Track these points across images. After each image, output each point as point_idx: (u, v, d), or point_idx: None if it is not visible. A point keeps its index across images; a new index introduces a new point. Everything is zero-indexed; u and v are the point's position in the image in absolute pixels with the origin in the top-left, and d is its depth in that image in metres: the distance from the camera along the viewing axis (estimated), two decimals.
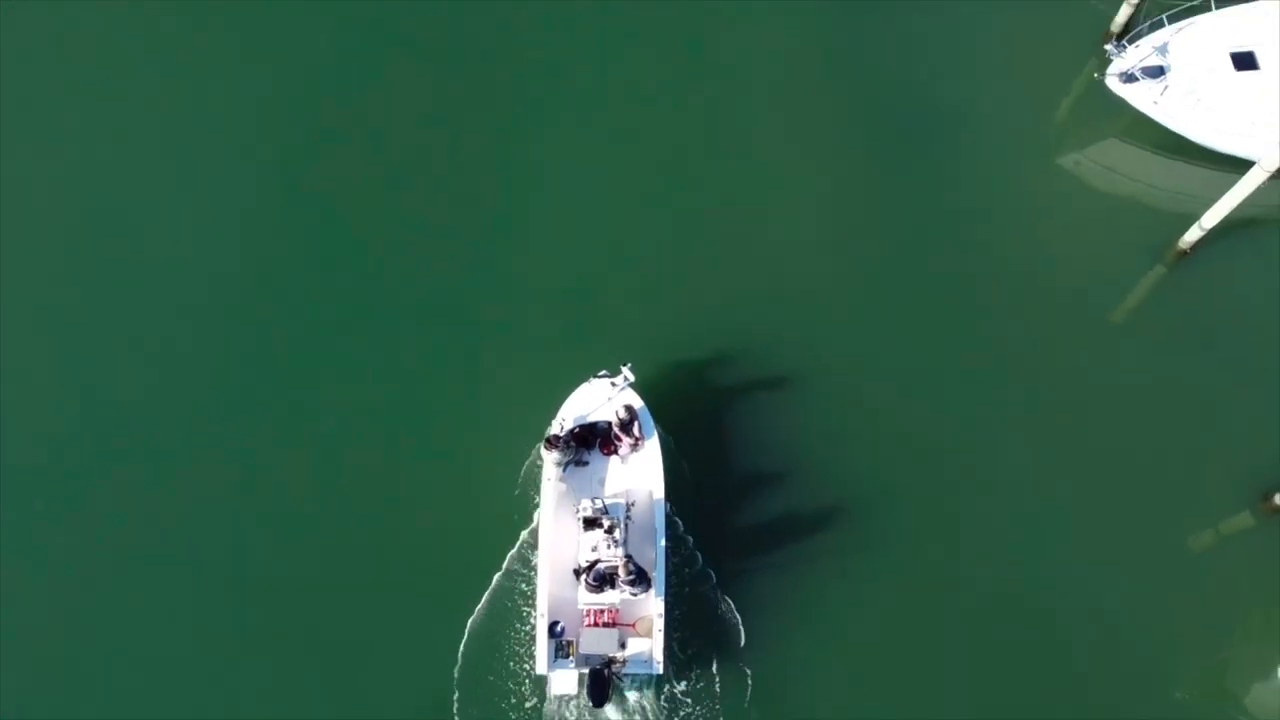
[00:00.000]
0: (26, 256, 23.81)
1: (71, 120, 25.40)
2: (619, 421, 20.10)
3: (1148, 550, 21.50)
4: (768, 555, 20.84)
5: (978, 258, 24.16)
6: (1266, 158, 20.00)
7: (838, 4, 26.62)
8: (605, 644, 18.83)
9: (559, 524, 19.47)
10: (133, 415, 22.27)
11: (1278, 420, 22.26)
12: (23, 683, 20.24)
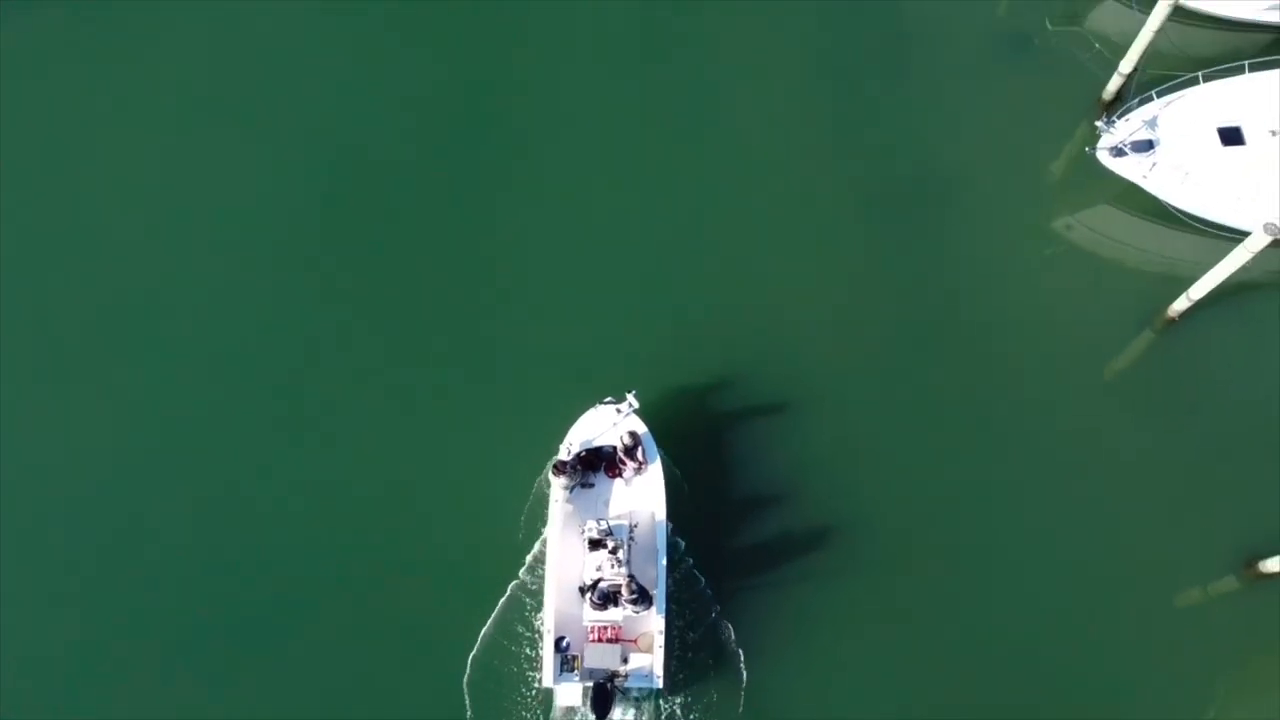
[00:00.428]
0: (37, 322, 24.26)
1: (92, 193, 25.88)
2: (623, 446, 20.93)
3: (1133, 610, 21.98)
4: (764, 575, 21.71)
5: (972, 317, 24.69)
6: (1251, 238, 20.59)
7: (838, 72, 27.16)
8: (608, 659, 19.69)
9: (565, 544, 20.34)
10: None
11: (1262, 488, 22.75)
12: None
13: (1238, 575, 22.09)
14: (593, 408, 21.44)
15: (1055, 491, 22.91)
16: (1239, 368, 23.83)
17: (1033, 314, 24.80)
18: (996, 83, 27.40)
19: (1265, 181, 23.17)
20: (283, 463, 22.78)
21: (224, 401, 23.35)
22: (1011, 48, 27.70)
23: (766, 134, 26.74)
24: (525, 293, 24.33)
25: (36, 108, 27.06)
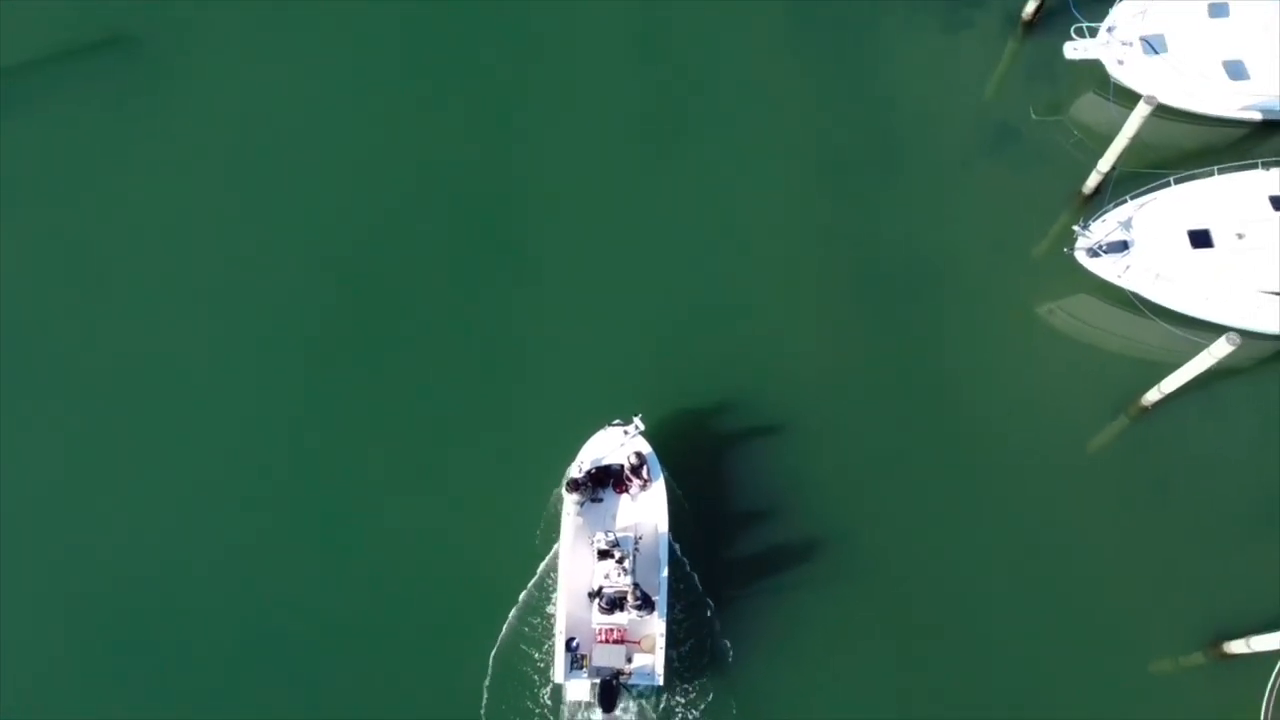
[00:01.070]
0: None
1: (120, 265, 27.72)
2: (630, 465, 23.00)
3: (1102, 683, 23.43)
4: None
5: (958, 397, 26.23)
6: (1215, 346, 22.09)
7: (835, 164, 28.72)
8: (614, 658, 21.80)
9: (576, 554, 22.43)
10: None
11: (1229, 570, 24.23)
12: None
13: (1205, 654, 23.56)
14: (602, 429, 23.48)
15: (1032, 565, 24.50)
16: (1209, 454, 25.30)
17: (1015, 395, 26.32)
18: (984, 173, 28.85)
19: (1233, 282, 24.58)
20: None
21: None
22: (998, 137, 29.12)
23: (768, 217, 28.40)
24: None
25: (66, 190, 28.58)
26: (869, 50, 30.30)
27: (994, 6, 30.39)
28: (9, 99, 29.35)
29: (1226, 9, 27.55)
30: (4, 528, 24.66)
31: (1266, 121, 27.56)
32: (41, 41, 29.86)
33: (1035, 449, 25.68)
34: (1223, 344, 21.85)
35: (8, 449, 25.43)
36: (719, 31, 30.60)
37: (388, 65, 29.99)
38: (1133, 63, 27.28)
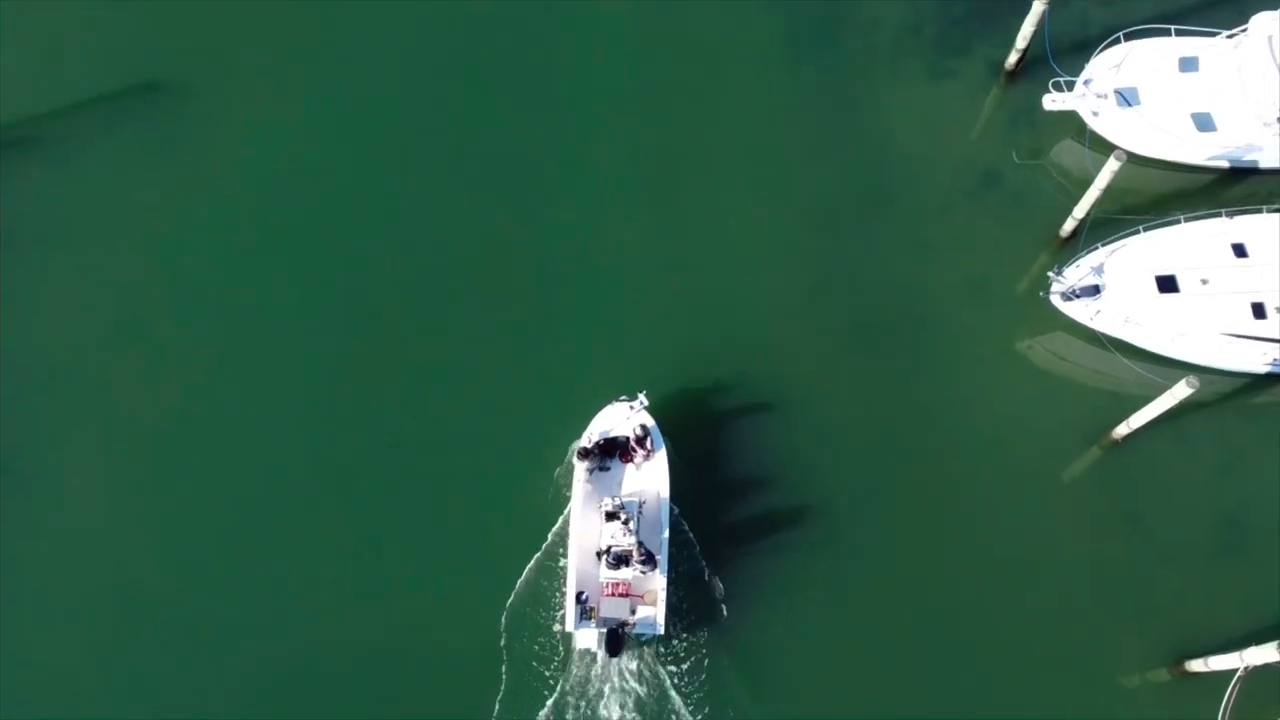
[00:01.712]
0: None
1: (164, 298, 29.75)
2: (635, 436, 25.38)
3: (1071, 700, 25.36)
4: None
5: (941, 426, 28.13)
6: (1176, 389, 23.94)
7: (828, 210, 30.52)
8: (620, 610, 24.28)
9: (586, 516, 24.92)
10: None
11: (1194, 593, 26.09)
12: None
13: (1168, 670, 25.43)
14: (610, 404, 25.86)
15: (1009, 580, 26.56)
16: (1175, 484, 27.23)
17: (995, 424, 28.23)
18: (969, 214, 30.60)
19: (1197, 325, 26.40)
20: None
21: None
22: (982, 181, 30.92)
23: (766, 249, 30.14)
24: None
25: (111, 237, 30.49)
26: (860, 98, 32.02)
27: (978, 57, 32.12)
28: (56, 144, 31.20)
29: (1196, 63, 29.30)
30: (50, 540, 26.73)
31: (1233, 169, 29.32)
32: (83, 91, 31.66)
33: (1013, 475, 27.62)
34: (1183, 386, 23.67)
35: (51, 469, 27.34)
36: (719, 80, 32.27)
37: (406, 113, 31.81)
38: (1107, 114, 29.04)
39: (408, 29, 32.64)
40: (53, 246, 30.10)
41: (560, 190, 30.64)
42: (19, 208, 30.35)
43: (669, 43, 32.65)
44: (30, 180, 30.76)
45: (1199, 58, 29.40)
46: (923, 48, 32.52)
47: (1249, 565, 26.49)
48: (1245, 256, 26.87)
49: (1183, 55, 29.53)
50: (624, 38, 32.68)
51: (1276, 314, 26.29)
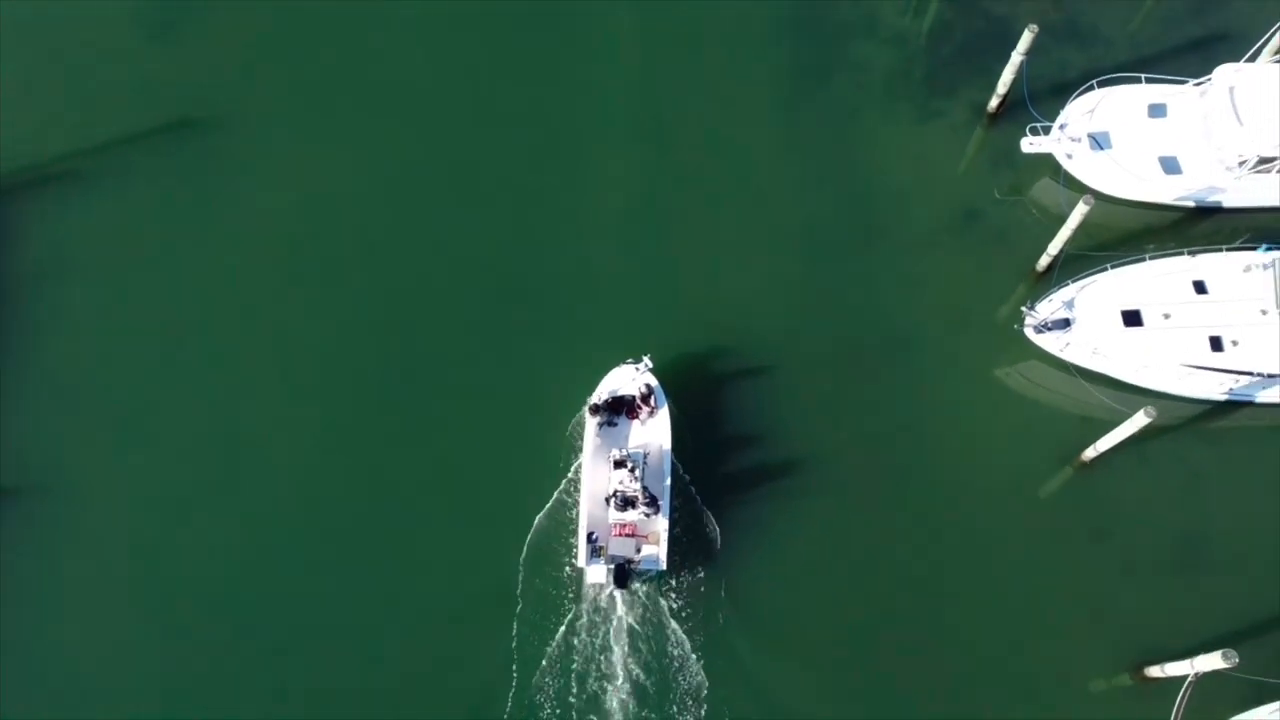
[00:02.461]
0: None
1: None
2: (640, 395, 28.36)
3: (1038, 701, 27.50)
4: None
5: (922, 446, 30.14)
6: (1134, 419, 26.13)
7: (820, 241, 32.70)
8: (627, 549, 27.02)
9: (596, 466, 27.71)
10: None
11: (1155, 604, 28.24)
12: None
13: (1130, 675, 27.60)
14: (617, 366, 28.68)
15: (982, 589, 28.63)
16: (1139, 502, 29.34)
17: (974, 444, 30.32)
18: (952, 247, 32.64)
19: (1160, 356, 28.56)
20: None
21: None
22: (965, 216, 33.04)
23: (758, 278, 32.28)
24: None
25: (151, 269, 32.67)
26: (853, 135, 34.15)
27: (963, 99, 34.27)
28: (93, 178, 33.33)
29: (1164, 109, 31.44)
30: (96, 547, 28.84)
31: (1198, 208, 31.48)
32: (118, 128, 33.76)
33: (990, 491, 29.74)
34: (1142, 415, 25.84)
35: (99, 482, 29.50)
36: (723, 115, 34.43)
37: (421, 152, 33.82)
38: (1080, 156, 31.20)
39: (422, 70, 34.78)
40: (91, 274, 32.09)
41: (573, 211, 32.93)
42: (60, 238, 32.38)
43: (676, 80, 34.83)
44: (69, 212, 32.74)
45: (1167, 104, 31.53)
46: (911, 90, 34.64)
47: (1206, 578, 28.65)
48: (1205, 293, 28.96)
49: (1152, 102, 31.65)
50: (633, 75, 34.84)
51: (1233, 347, 28.34)
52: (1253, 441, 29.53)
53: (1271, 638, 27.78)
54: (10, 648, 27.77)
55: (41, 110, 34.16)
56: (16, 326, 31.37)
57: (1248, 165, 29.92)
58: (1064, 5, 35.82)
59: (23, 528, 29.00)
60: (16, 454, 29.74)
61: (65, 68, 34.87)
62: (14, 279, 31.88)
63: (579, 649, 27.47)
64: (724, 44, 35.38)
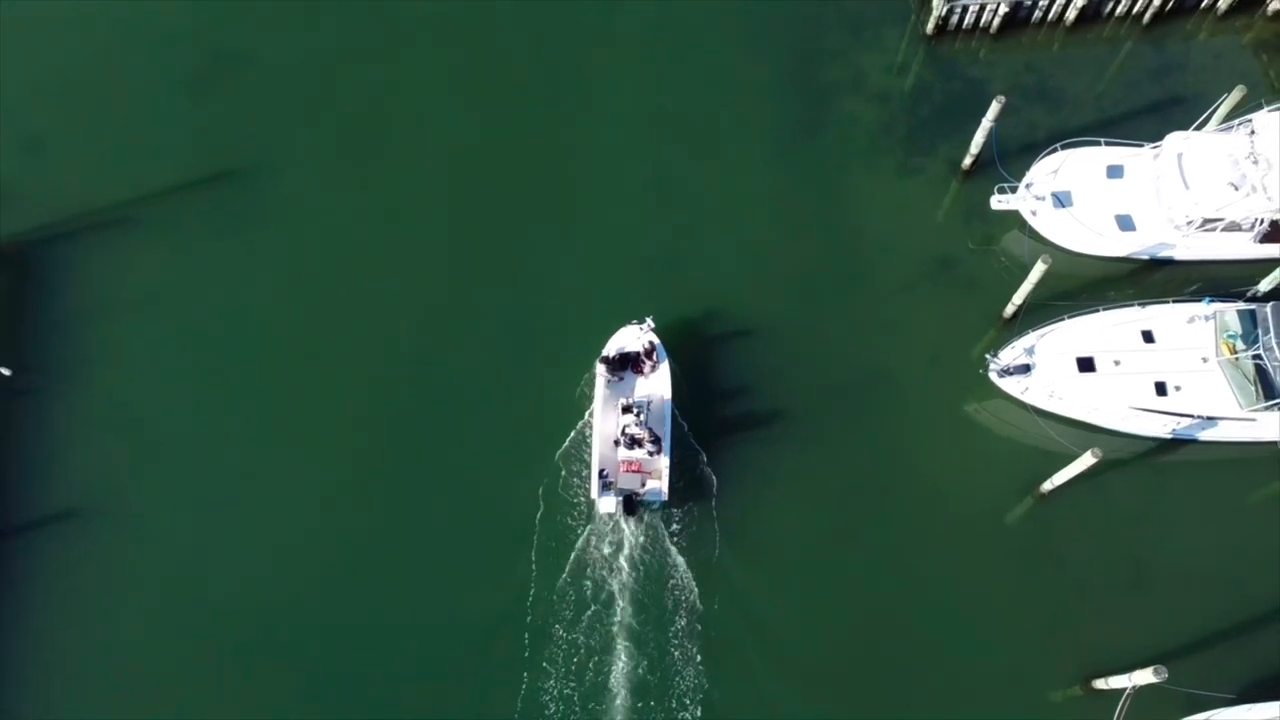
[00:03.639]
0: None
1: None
2: (644, 351, 32.23)
3: (995, 708, 30.32)
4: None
5: (894, 475, 32.97)
6: (1081, 459, 29.18)
7: (804, 288, 35.64)
8: (633, 483, 31.13)
9: (606, 412, 31.79)
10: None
11: (1107, 624, 31.18)
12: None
13: (1080, 687, 30.64)
14: (624, 326, 32.60)
15: (948, 610, 31.42)
16: (1093, 530, 32.26)
17: (943, 476, 33.01)
18: (927, 294, 35.46)
19: (1111, 400, 31.64)
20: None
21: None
22: (939, 264, 36.00)
23: (747, 318, 35.21)
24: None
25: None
26: (837, 186, 37.09)
27: (940, 156, 37.34)
28: (141, 224, 36.45)
29: (1121, 170, 34.53)
30: (137, 569, 31.93)
31: (1151, 260, 34.57)
32: (164, 177, 36.89)
33: (956, 519, 32.46)
34: (1089, 455, 28.92)
35: (147, 505, 32.58)
36: (716, 164, 37.56)
37: (441, 191, 37.19)
38: (1044, 213, 34.28)
39: (439, 117, 38.11)
40: (140, 312, 35.00)
41: (578, 251, 36.09)
42: (112, 279, 35.36)
43: (672, 130, 37.86)
44: (120, 255, 35.66)
45: (1124, 166, 34.62)
46: (893, 146, 37.74)
47: (1153, 600, 31.57)
48: (1153, 342, 32.02)
49: (1110, 163, 34.73)
50: (636, 129, 37.93)
51: (1176, 391, 31.45)
52: (1194, 476, 32.54)
53: (1209, 653, 30.79)
54: (72, 654, 30.88)
55: (94, 160, 37.30)
56: (73, 361, 34.45)
57: (1194, 225, 32.96)
58: (1035, 68, 38.94)
59: (81, 546, 32.06)
60: (74, 479, 32.80)
61: (116, 120, 37.96)
62: (71, 317, 35.00)
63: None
64: (721, 100, 38.42)
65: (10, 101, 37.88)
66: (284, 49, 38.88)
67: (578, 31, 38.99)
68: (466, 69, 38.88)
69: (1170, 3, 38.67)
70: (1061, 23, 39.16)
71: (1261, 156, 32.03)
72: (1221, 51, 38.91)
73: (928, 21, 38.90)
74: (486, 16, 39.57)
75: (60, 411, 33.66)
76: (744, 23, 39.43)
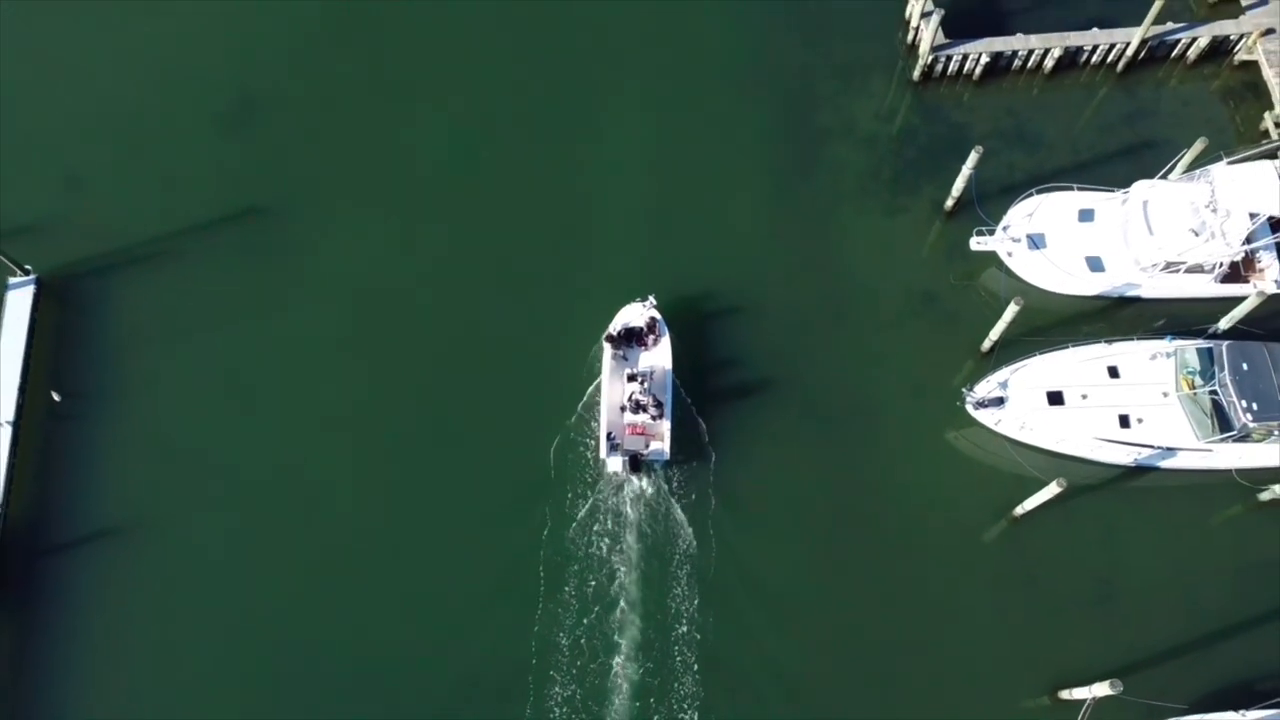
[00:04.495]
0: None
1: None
2: (647, 326, 35.94)
3: (969, 712, 32.92)
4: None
5: (878, 497, 35.59)
6: (1047, 489, 31.71)
7: (794, 323, 38.17)
8: (638, 444, 34.98)
9: (612, 381, 35.76)
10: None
11: (1072, 637, 33.78)
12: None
13: (1049, 697, 33.20)
14: (628, 304, 36.27)
15: (927, 623, 33.99)
16: (1062, 551, 34.79)
17: (924, 499, 35.73)
18: (912, 326, 38.08)
19: (1078, 431, 34.19)
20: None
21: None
22: (923, 300, 38.54)
23: (744, 349, 37.95)
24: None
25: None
26: (829, 226, 39.67)
27: (924, 197, 39.86)
28: (178, 257, 39.04)
29: (1092, 215, 37.03)
30: (178, 580, 34.49)
31: (1119, 299, 37.10)
32: (200, 214, 39.50)
33: (937, 539, 35.15)
34: (1054, 486, 31.48)
35: (181, 525, 35.12)
36: (716, 205, 40.14)
37: (455, 229, 39.93)
38: (1019, 255, 36.80)
39: (453, 153, 40.96)
40: (176, 341, 37.75)
41: (587, 290, 38.69)
42: (147, 309, 38.10)
43: (679, 177, 40.44)
44: (154, 286, 38.44)
45: (1095, 210, 37.13)
46: (880, 187, 40.28)
47: (1117, 616, 34.14)
48: (1118, 377, 34.55)
49: (1082, 207, 37.24)
50: (641, 174, 40.42)
51: (1138, 424, 33.98)
52: (1155, 502, 35.08)
53: (1167, 665, 33.36)
54: (116, 656, 33.57)
55: (132, 196, 39.93)
56: (115, 388, 37.08)
57: (1158, 267, 35.48)
58: (1015, 112, 41.47)
59: (122, 558, 34.69)
60: (116, 495, 35.40)
61: (152, 158, 40.61)
62: (112, 344, 37.65)
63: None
64: (719, 145, 41.00)
65: (54, 141, 40.52)
66: (309, 93, 41.49)
67: (586, 81, 41.60)
68: (477, 115, 41.46)
69: (1143, 51, 41.04)
70: (1041, 70, 41.64)
71: (1220, 205, 34.49)
72: (1190, 98, 41.36)
73: (914, 68, 41.38)
74: (498, 71, 42.14)
75: (103, 433, 36.25)
76: (742, 71, 42.00)
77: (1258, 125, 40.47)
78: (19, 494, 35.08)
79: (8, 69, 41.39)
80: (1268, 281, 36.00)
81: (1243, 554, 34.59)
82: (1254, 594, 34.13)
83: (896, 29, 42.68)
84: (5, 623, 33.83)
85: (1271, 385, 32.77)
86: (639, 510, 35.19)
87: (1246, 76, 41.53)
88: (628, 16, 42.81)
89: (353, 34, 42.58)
